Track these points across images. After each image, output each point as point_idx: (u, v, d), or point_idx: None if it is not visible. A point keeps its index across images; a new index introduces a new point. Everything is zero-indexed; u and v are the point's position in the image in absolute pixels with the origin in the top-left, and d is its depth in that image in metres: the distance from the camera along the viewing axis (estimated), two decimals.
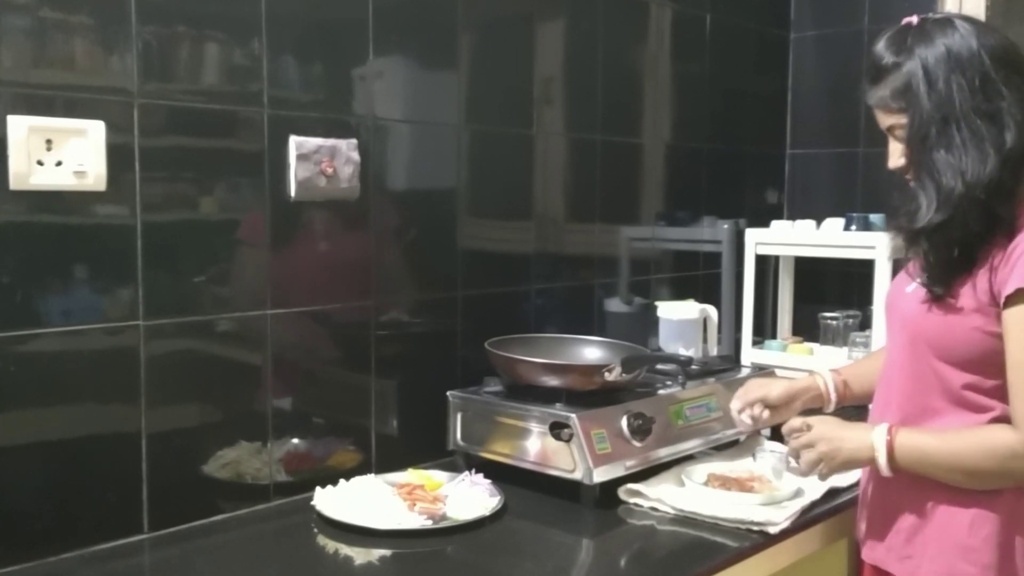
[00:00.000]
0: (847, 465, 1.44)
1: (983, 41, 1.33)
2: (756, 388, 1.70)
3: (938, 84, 1.33)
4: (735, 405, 1.71)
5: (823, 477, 1.48)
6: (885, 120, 1.42)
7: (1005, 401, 1.33)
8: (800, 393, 1.68)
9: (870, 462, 1.40)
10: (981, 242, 1.33)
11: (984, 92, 1.31)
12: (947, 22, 1.36)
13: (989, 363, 1.33)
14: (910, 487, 1.41)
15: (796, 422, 1.49)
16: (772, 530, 1.50)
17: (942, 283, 1.36)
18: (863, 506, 1.54)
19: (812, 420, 1.48)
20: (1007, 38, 1.37)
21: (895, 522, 1.44)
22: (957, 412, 1.37)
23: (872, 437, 1.39)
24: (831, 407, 1.69)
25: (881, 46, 1.40)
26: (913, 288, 1.42)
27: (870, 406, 1.58)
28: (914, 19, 1.39)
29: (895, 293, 1.50)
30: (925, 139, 1.34)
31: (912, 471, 1.37)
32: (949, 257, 1.35)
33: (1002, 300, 1.29)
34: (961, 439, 1.35)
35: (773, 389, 1.68)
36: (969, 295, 1.34)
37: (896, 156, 1.41)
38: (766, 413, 1.67)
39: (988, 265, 1.32)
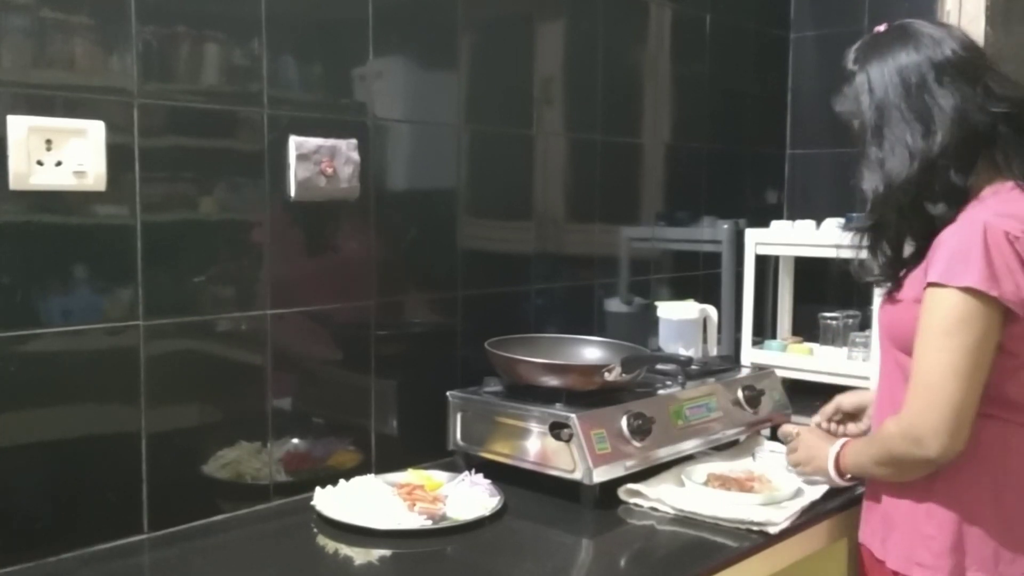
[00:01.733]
0: (816, 473, 1.62)
1: (933, 48, 1.39)
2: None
3: (877, 91, 1.41)
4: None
5: (803, 477, 1.68)
6: (853, 124, 1.50)
7: None
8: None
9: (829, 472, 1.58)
10: (926, 238, 1.39)
11: (919, 96, 1.38)
12: (903, 31, 1.43)
13: None
14: (911, 490, 1.45)
15: (788, 428, 1.73)
16: (772, 530, 1.50)
17: (888, 278, 1.46)
18: (865, 492, 1.60)
19: (802, 429, 1.71)
20: (970, 45, 1.42)
21: (878, 506, 1.51)
22: None
23: (829, 450, 1.57)
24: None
25: (848, 55, 1.49)
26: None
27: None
28: (882, 28, 1.47)
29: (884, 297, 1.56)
30: (865, 143, 1.43)
31: (859, 476, 1.55)
32: (891, 254, 1.45)
33: (928, 280, 1.35)
34: (870, 437, 1.49)
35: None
36: (912, 287, 1.41)
37: None
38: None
39: (928, 258, 1.38)
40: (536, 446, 1.68)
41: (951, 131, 1.36)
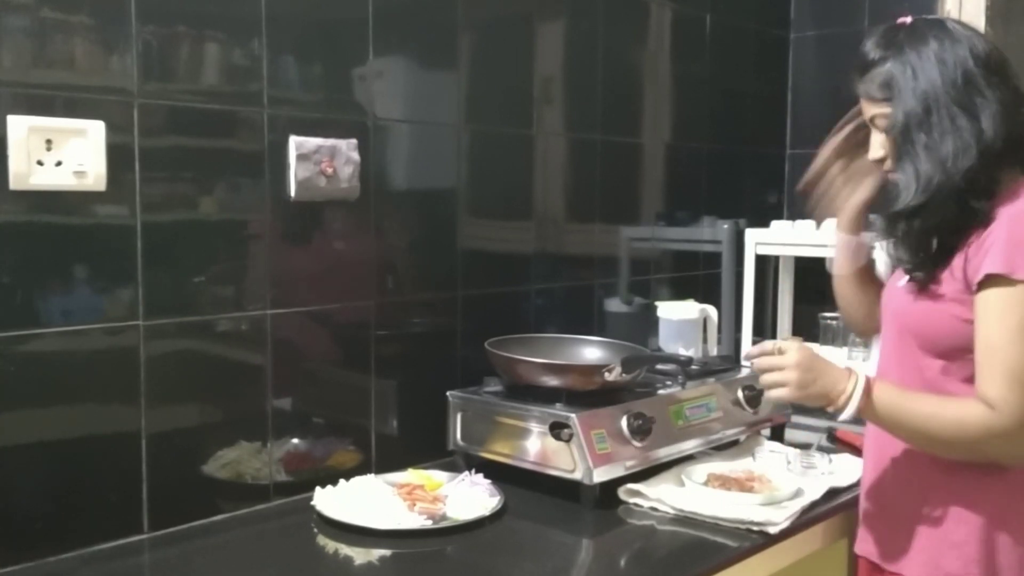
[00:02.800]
0: (816, 398, 1.38)
1: (971, 44, 1.38)
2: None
3: (921, 78, 1.38)
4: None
5: (779, 402, 1.46)
6: (869, 110, 1.46)
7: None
8: None
9: (838, 400, 1.36)
10: (958, 233, 1.37)
11: (966, 89, 1.36)
12: (939, 23, 1.42)
13: (967, 351, 1.36)
14: (901, 481, 1.44)
15: (768, 344, 1.43)
16: (772, 530, 1.50)
17: (922, 269, 1.41)
18: (861, 501, 1.56)
19: (787, 345, 1.41)
20: (994, 46, 1.41)
21: (885, 516, 1.48)
22: None
23: (851, 376, 1.37)
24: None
25: (871, 41, 1.45)
26: (904, 282, 1.46)
27: None
28: (908, 19, 1.44)
29: (889, 289, 1.53)
30: (907, 129, 1.39)
31: (879, 421, 1.39)
32: (927, 243, 1.40)
33: (974, 286, 1.33)
34: (938, 406, 1.36)
35: None
36: (947, 283, 1.38)
37: (876, 147, 1.46)
38: None
39: (964, 254, 1.36)
40: (536, 446, 1.68)
41: (996, 126, 1.34)
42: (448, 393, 1.83)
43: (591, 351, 1.96)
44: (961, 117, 1.35)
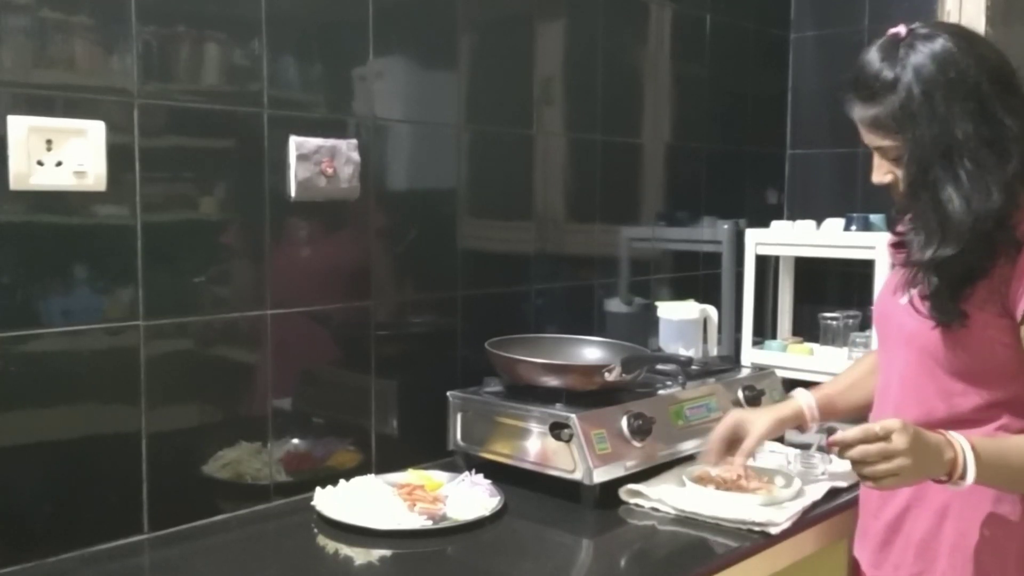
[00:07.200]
0: (928, 478, 1.28)
1: (978, 60, 1.28)
2: (743, 439, 1.62)
3: (938, 112, 1.27)
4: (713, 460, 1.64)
5: (880, 487, 1.28)
6: (873, 140, 1.36)
7: (1011, 413, 1.34)
8: (787, 424, 1.68)
9: (954, 475, 1.25)
10: (984, 262, 1.30)
11: (986, 121, 1.26)
12: (938, 38, 1.30)
13: (1002, 373, 1.33)
14: (919, 501, 1.41)
15: (873, 428, 1.24)
16: (773, 530, 1.50)
17: (951, 312, 1.31)
18: (865, 518, 1.54)
19: (891, 425, 1.23)
20: (996, 49, 1.33)
21: (901, 536, 1.44)
22: (956, 428, 1.33)
23: (952, 442, 1.25)
24: (812, 428, 1.71)
25: (870, 62, 1.33)
26: (907, 301, 1.39)
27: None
28: (902, 30, 1.33)
29: (888, 304, 1.47)
30: (927, 170, 1.28)
31: (989, 479, 1.28)
32: (956, 286, 1.31)
33: (1020, 317, 1.28)
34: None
35: (757, 430, 1.62)
36: (978, 310, 1.31)
37: (882, 172, 1.38)
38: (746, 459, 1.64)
39: (995, 277, 1.30)
40: (536, 446, 1.68)
41: (1021, 154, 1.26)
42: (448, 393, 1.83)
43: (591, 351, 1.96)
44: (984, 155, 1.26)
